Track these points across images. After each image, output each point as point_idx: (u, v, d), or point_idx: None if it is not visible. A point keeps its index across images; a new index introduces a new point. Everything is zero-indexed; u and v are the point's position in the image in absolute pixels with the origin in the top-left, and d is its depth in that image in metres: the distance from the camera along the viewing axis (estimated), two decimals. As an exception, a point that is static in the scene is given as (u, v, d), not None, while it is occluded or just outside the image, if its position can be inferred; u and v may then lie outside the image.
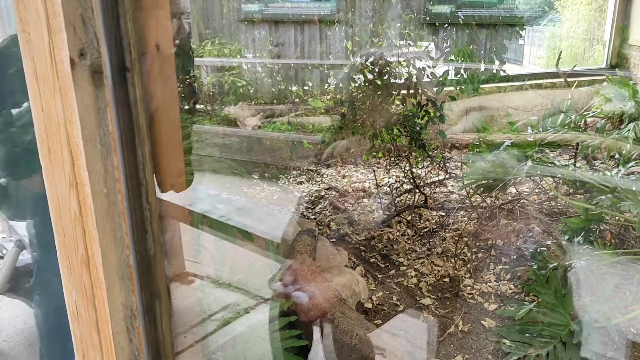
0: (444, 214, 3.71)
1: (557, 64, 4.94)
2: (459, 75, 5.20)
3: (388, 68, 3.79)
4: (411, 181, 3.81)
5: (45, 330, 1.92)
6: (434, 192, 4.04)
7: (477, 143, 3.59)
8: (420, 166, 4.15)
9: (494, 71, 5.43)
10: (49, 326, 1.88)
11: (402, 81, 3.80)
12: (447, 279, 2.96)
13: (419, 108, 3.72)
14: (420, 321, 2.64)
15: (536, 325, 2.36)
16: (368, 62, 3.84)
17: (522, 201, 3.57)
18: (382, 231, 3.51)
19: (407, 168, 3.82)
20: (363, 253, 3.27)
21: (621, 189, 2.56)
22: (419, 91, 3.72)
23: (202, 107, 5.69)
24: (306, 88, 6.06)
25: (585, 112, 4.15)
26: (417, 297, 2.81)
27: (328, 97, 5.48)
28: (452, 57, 5.60)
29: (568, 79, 5.01)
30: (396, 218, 3.65)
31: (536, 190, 3.74)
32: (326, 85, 5.92)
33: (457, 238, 3.35)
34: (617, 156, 3.25)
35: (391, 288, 2.91)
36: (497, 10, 5.94)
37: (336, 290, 2.44)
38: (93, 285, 0.75)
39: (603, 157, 3.64)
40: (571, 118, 3.56)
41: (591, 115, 4.09)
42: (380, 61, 3.80)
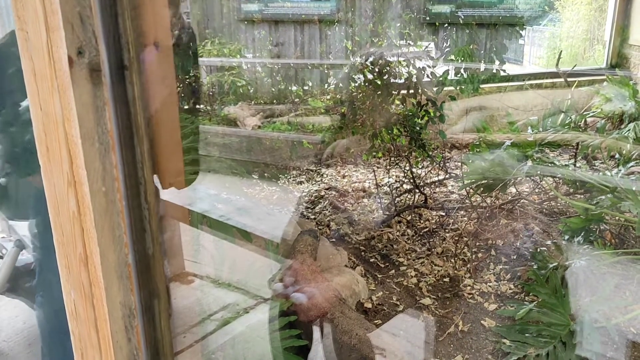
0: (444, 214, 3.71)
1: (557, 64, 4.94)
2: (459, 75, 5.20)
3: (388, 68, 3.79)
4: (411, 181, 3.81)
5: (47, 331, 1.92)
6: (434, 192, 4.04)
7: (477, 143, 3.59)
8: (420, 166, 4.15)
9: (494, 71, 5.43)
10: (52, 327, 1.88)
11: (402, 81, 3.79)
12: (447, 279, 2.96)
13: (419, 108, 3.72)
14: (420, 321, 2.64)
15: (536, 325, 2.36)
16: (368, 62, 3.84)
17: (522, 201, 3.57)
18: (382, 231, 3.51)
19: (407, 168, 3.82)
20: (363, 253, 3.26)
21: (621, 189, 2.55)
22: (419, 91, 3.71)
23: (202, 107, 5.68)
24: (306, 88, 6.06)
25: (585, 112, 4.15)
26: (417, 297, 2.81)
27: (328, 97, 5.48)
28: (452, 57, 5.60)
29: (568, 79, 5.01)
30: (396, 218, 3.64)
31: (536, 190, 3.74)
32: (326, 85, 5.91)
33: (457, 238, 3.35)
34: (617, 156, 3.26)
35: (391, 288, 2.90)
36: (497, 10, 5.94)
37: (336, 290, 2.44)
38: (91, 284, 0.74)
39: (603, 157, 3.64)
40: (571, 118, 3.57)
41: (591, 115, 4.09)
42: (380, 61, 3.80)
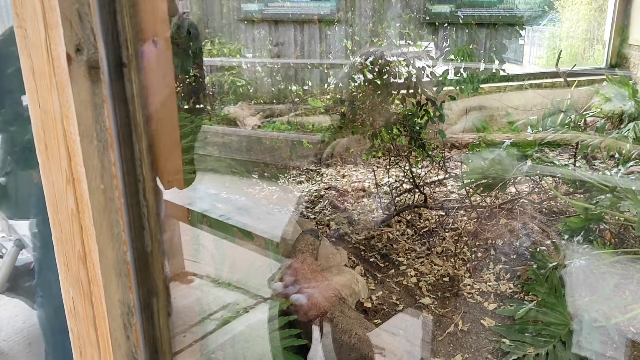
0: (444, 214, 3.70)
1: (557, 64, 4.95)
2: (459, 74, 5.19)
3: (388, 67, 3.79)
4: (411, 181, 3.81)
5: (49, 330, 1.92)
6: (434, 192, 4.04)
7: (477, 142, 3.59)
8: (420, 166, 4.15)
9: (494, 71, 5.42)
10: (54, 326, 1.88)
11: (402, 81, 3.79)
12: (447, 279, 2.96)
13: (419, 107, 3.72)
14: (419, 320, 2.64)
15: (535, 324, 2.36)
16: (368, 62, 3.83)
17: (522, 200, 3.56)
18: (382, 231, 3.50)
19: (407, 167, 3.81)
20: (363, 252, 3.26)
21: (621, 189, 2.55)
22: (419, 91, 3.71)
23: (202, 107, 5.67)
24: (306, 87, 6.05)
25: (585, 112, 4.16)
26: (417, 297, 2.81)
27: (328, 97, 5.48)
28: (452, 57, 5.59)
29: (568, 79, 5.01)
30: (396, 217, 3.64)
31: (536, 189, 3.74)
32: (326, 84, 5.91)
33: (457, 237, 3.35)
34: (617, 156, 3.26)
35: (391, 287, 2.90)
36: (497, 9, 5.94)
37: (336, 289, 2.43)
38: (90, 281, 0.74)
39: (603, 157, 3.64)
40: (571, 117, 3.57)
41: (591, 114, 4.09)
42: (380, 61, 3.80)
